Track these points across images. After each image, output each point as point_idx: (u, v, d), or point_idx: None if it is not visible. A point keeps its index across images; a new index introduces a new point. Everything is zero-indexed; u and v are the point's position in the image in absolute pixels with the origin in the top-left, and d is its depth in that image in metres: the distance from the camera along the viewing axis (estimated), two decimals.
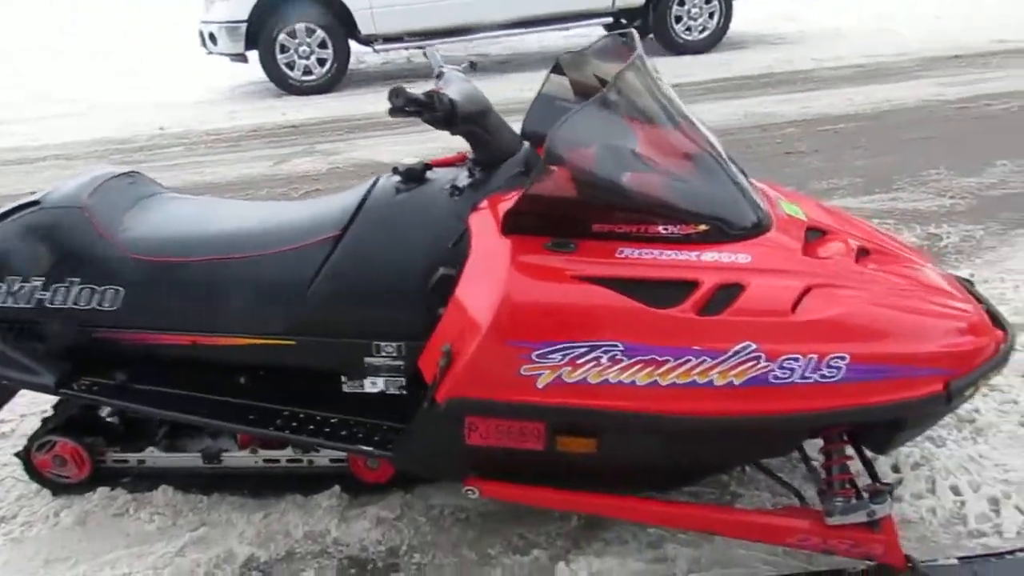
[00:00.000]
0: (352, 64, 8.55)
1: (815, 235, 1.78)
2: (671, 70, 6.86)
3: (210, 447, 2.05)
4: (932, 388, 1.55)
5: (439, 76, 1.92)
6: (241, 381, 1.92)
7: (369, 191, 1.84)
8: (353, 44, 7.60)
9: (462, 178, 1.78)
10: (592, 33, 8.72)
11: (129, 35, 10.68)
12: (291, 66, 7.14)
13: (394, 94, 1.48)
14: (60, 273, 1.81)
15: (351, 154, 5.20)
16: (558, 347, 1.51)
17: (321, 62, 7.20)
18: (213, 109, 6.50)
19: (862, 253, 1.76)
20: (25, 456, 2.04)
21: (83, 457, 2.04)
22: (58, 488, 2.08)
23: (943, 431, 2.15)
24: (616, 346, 1.50)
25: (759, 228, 1.66)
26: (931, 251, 3.20)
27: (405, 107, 1.51)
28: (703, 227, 1.61)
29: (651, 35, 7.64)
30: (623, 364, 1.50)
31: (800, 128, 4.98)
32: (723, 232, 1.61)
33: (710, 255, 1.59)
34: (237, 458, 2.05)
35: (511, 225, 1.57)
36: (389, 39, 7.37)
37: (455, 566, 1.83)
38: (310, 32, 7.07)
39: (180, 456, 2.06)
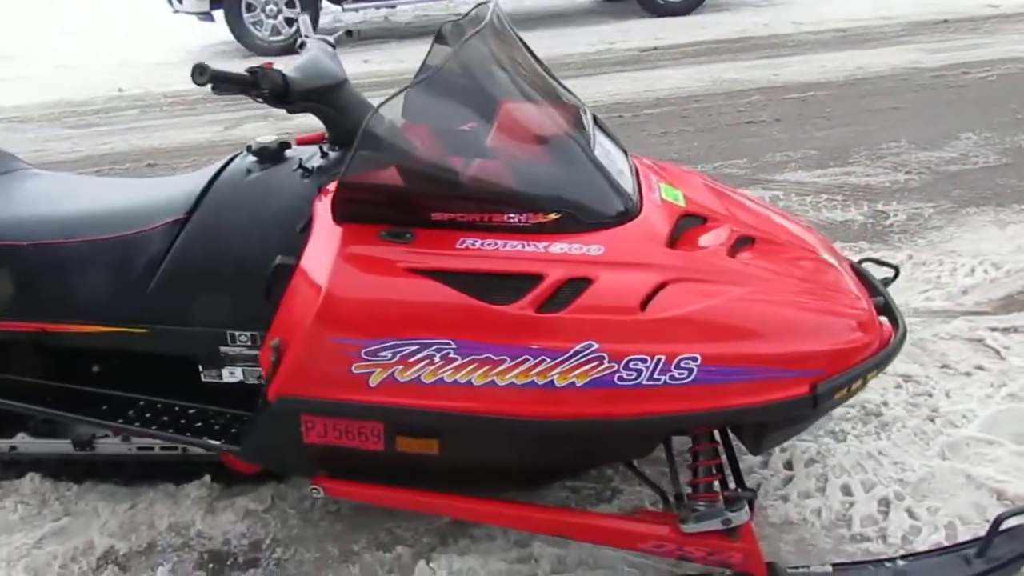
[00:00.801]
0: (328, 24, 8.38)
1: (693, 222, 1.67)
2: (647, 33, 6.68)
3: (82, 434, 1.97)
4: (796, 391, 1.46)
5: (301, 47, 1.80)
6: (95, 369, 1.84)
7: (220, 170, 1.73)
8: (327, 3, 7.42)
9: (315, 158, 1.68)
10: None
11: None
12: (258, 25, 6.98)
13: (197, 71, 1.37)
14: None
15: (305, 119, 5.07)
16: (387, 344, 1.42)
17: (289, 22, 7.02)
18: (175, 71, 6.33)
19: (745, 242, 1.65)
20: None
21: None
22: None
23: (847, 424, 2.06)
24: (448, 344, 1.41)
25: (621, 217, 1.55)
26: (875, 230, 3.08)
27: (215, 84, 1.39)
28: (554, 216, 1.49)
29: None
30: (457, 363, 1.41)
31: (766, 96, 4.81)
32: (577, 221, 1.50)
33: (559, 247, 1.48)
34: (110, 446, 1.98)
35: (343, 213, 1.47)
36: None
37: (315, 562, 1.77)
38: None
39: (51, 443, 1.99)
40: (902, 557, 1.64)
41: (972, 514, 1.74)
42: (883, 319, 1.71)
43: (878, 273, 2.36)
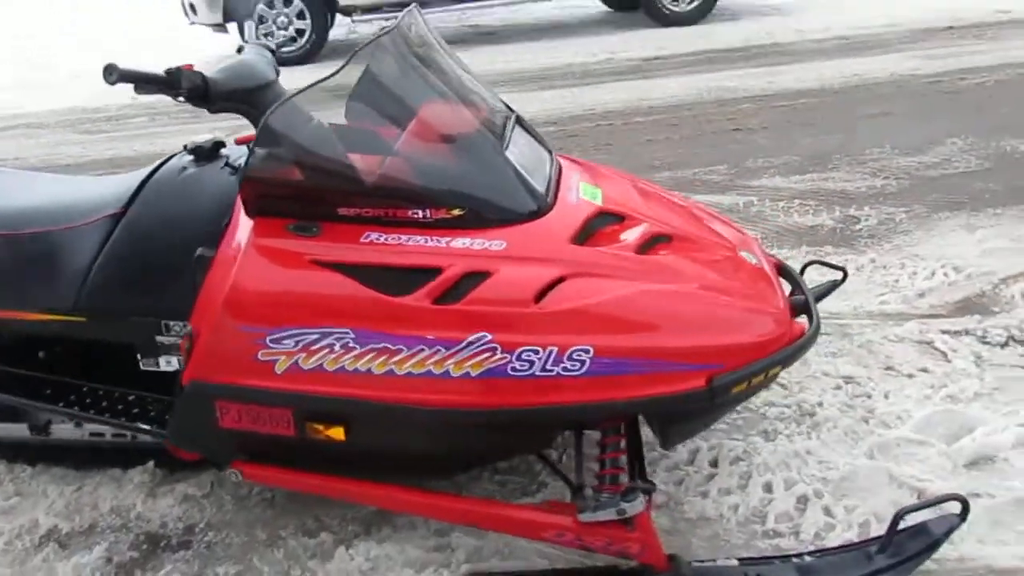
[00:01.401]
0: (342, 35, 8.54)
1: (609, 220, 1.70)
2: (651, 43, 6.71)
3: (38, 419, 2.06)
4: (692, 383, 1.49)
5: (239, 50, 1.87)
6: (40, 355, 1.93)
7: (157, 168, 1.81)
8: (340, 15, 7.57)
9: (243, 156, 1.75)
10: (586, 4, 8.58)
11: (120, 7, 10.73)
12: (269, 37, 7.12)
13: (106, 71, 1.44)
14: None
15: None
16: (290, 333, 1.47)
17: (300, 33, 7.17)
18: None
19: (659, 240, 1.68)
20: None
21: None
22: None
23: (779, 424, 2.07)
24: (348, 333, 1.46)
25: (529, 214, 1.59)
26: (843, 234, 3.08)
27: (135, 84, 1.47)
28: (457, 212, 1.54)
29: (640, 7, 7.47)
30: (356, 352, 1.46)
31: (758, 104, 4.81)
32: (481, 217, 1.55)
33: (461, 242, 1.53)
34: (64, 431, 2.06)
35: (253, 207, 1.53)
36: (368, 9, 7.30)
37: (243, 545, 1.83)
38: (287, 2, 7.04)
39: (9, 427, 2.08)
40: (809, 553, 1.65)
41: (888, 512, 1.73)
42: (802, 318, 1.74)
43: (827, 276, 2.39)
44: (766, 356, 1.56)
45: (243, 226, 1.56)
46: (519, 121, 1.86)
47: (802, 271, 2.37)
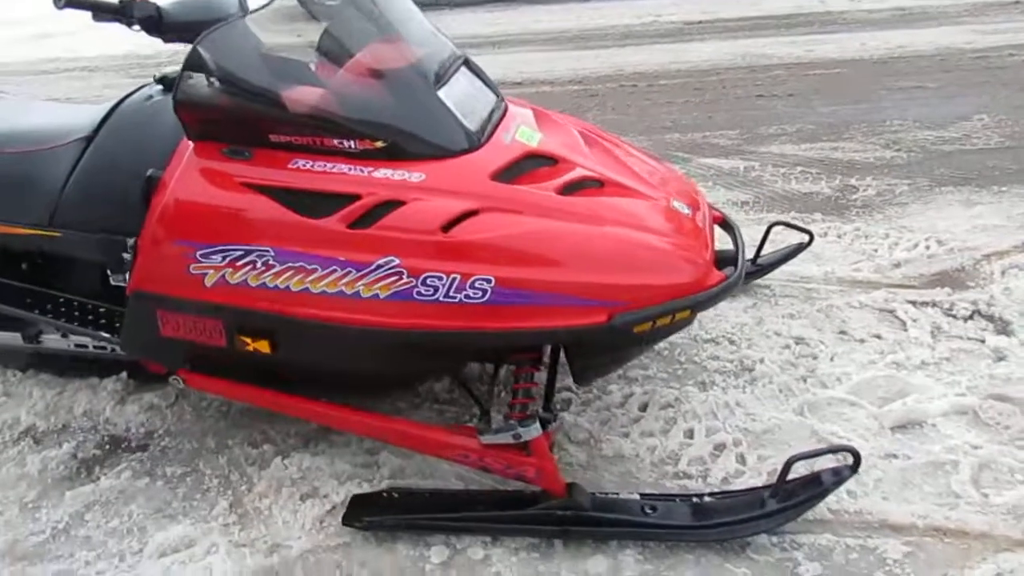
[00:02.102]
0: None
1: (541, 163, 1.76)
2: (700, 7, 6.59)
3: (30, 329, 2.24)
4: (593, 319, 1.55)
5: None
6: (24, 267, 2.10)
7: (127, 97, 1.94)
8: None
9: None
10: None
11: None
12: None
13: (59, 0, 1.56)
14: None
15: None
16: (218, 249, 1.59)
17: None
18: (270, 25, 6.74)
19: (589, 184, 1.73)
20: None
21: None
22: None
23: (717, 376, 2.11)
24: (268, 251, 1.57)
25: (454, 150, 1.66)
26: (836, 203, 3.04)
27: (92, 11, 1.57)
28: (381, 144, 1.62)
29: None
30: (276, 269, 1.57)
31: (790, 72, 4.71)
32: (404, 150, 1.62)
33: (383, 172, 1.61)
34: (52, 340, 2.24)
35: (192, 131, 1.65)
36: None
37: (192, 451, 1.97)
38: None
39: (3, 335, 2.27)
40: (708, 494, 1.70)
41: (800, 465, 1.78)
42: (728, 269, 1.77)
43: (793, 238, 2.40)
44: (672, 299, 1.60)
45: (184, 149, 1.68)
46: (468, 65, 1.92)
47: (767, 232, 2.41)
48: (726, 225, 2.00)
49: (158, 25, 1.68)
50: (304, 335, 1.62)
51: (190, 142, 1.67)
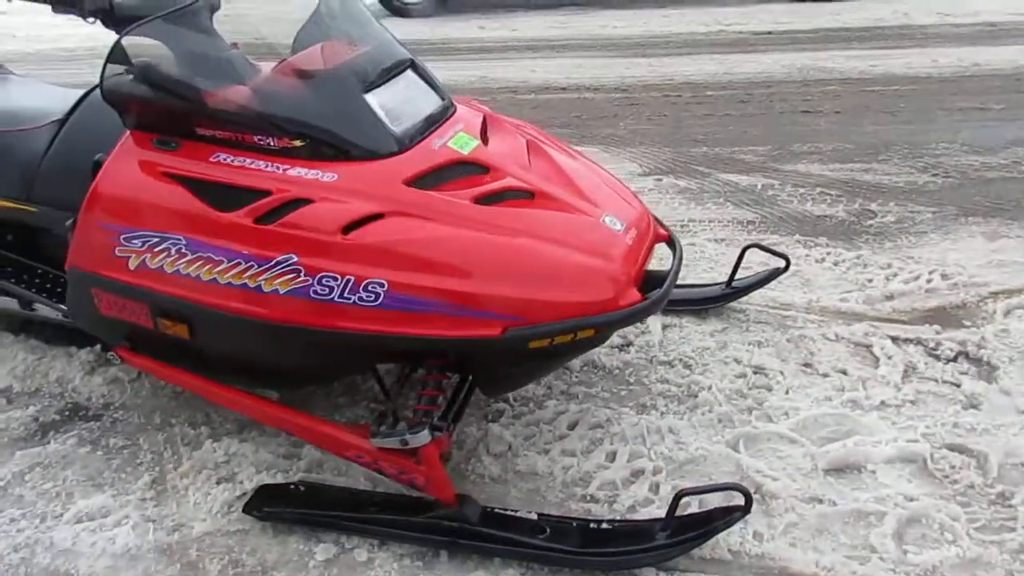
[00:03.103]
0: None
1: (470, 170, 1.75)
2: (774, 17, 6.37)
3: (26, 296, 2.40)
4: (486, 331, 1.54)
5: None
6: (8, 238, 2.24)
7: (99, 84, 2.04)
8: None
9: None
10: None
11: None
12: None
13: None
14: None
15: None
16: (138, 234, 1.66)
17: None
18: None
19: (516, 195, 1.71)
20: None
21: None
22: None
23: (660, 400, 2.05)
24: (180, 240, 1.62)
25: (371, 152, 1.67)
26: (847, 228, 2.89)
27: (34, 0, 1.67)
28: (299, 143, 1.65)
29: None
30: (188, 258, 1.62)
31: (845, 87, 4.50)
32: (320, 150, 1.65)
33: (297, 170, 1.63)
34: (45, 309, 2.39)
35: (127, 120, 1.72)
36: None
37: (138, 426, 2.06)
38: None
39: (2, 299, 2.43)
40: (606, 521, 1.65)
41: (713, 499, 1.70)
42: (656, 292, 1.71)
43: (769, 262, 2.30)
44: (573, 316, 1.57)
45: (123, 136, 1.76)
46: (415, 68, 1.92)
47: (741, 254, 2.32)
48: (671, 243, 1.93)
49: (112, 17, 1.76)
50: (214, 323, 1.67)
51: (125, 130, 1.75)
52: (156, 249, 1.65)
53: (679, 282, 2.47)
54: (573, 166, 1.94)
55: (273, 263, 1.56)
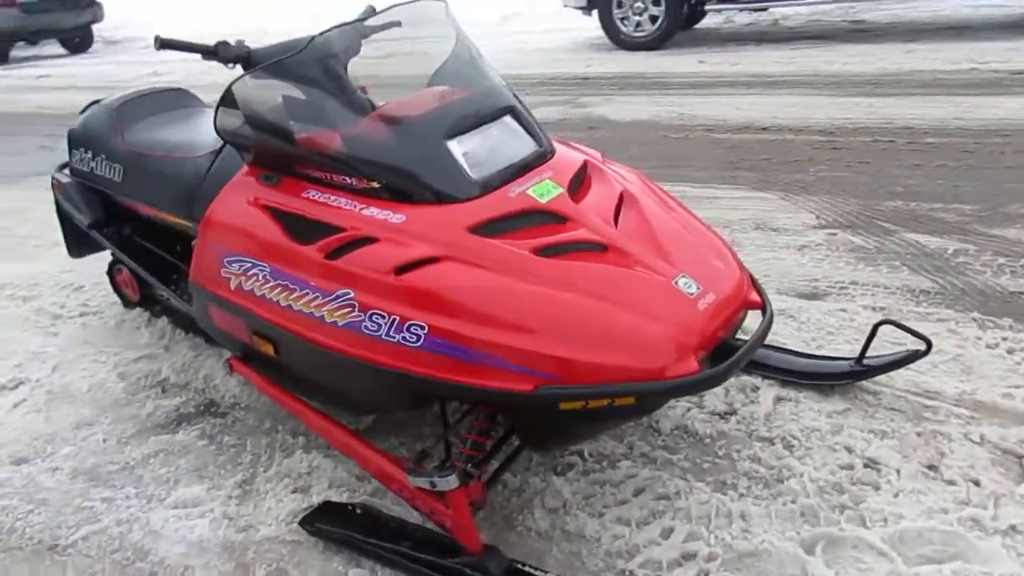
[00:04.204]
0: (720, 23, 8.57)
1: (546, 219, 1.73)
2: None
3: (180, 301, 2.73)
4: (517, 385, 1.52)
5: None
6: (178, 249, 2.57)
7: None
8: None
9: None
10: (1009, 3, 7.33)
11: None
12: (625, 21, 7.47)
13: (155, 41, 1.89)
14: (97, 150, 2.63)
15: (598, 109, 5.48)
16: (236, 258, 1.84)
17: (654, 19, 7.38)
18: (567, 56, 7.31)
19: (587, 247, 1.67)
20: (109, 273, 2.98)
21: (135, 285, 2.91)
22: (126, 303, 3.00)
23: (743, 480, 1.87)
24: (265, 268, 1.78)
25: (443, 197, 1.71)
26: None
27: (171, 49, 1.89)
28: (376, 184, 1.74)
29: None
30: (270, 284, 1.77)
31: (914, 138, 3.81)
32: (395, 192, 1.72)
33: (372, 210, 1.72)
34: None
35: (244, 156, 1.92)
36: None
37: (251, 427, 2.26)
38: None
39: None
40: None
41: None
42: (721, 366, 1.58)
43: (905, 342, 2.05)
44: (615, 383, 1.49)
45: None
46: (514, 114, 1.93)
47: (873, 331, 2.08)
48: (764, 311, 1.76)
49: (249, 63, 1.97)
50: (291, 345, 1.80)
51: (244, 165, 1.95)
52: (248, 273, 1.81)
53: (806, 351, 2.28)
54: (665, 221, 1.84)
55: (334, 296, 1.66)
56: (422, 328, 1.56)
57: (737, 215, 3.40)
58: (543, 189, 1.80)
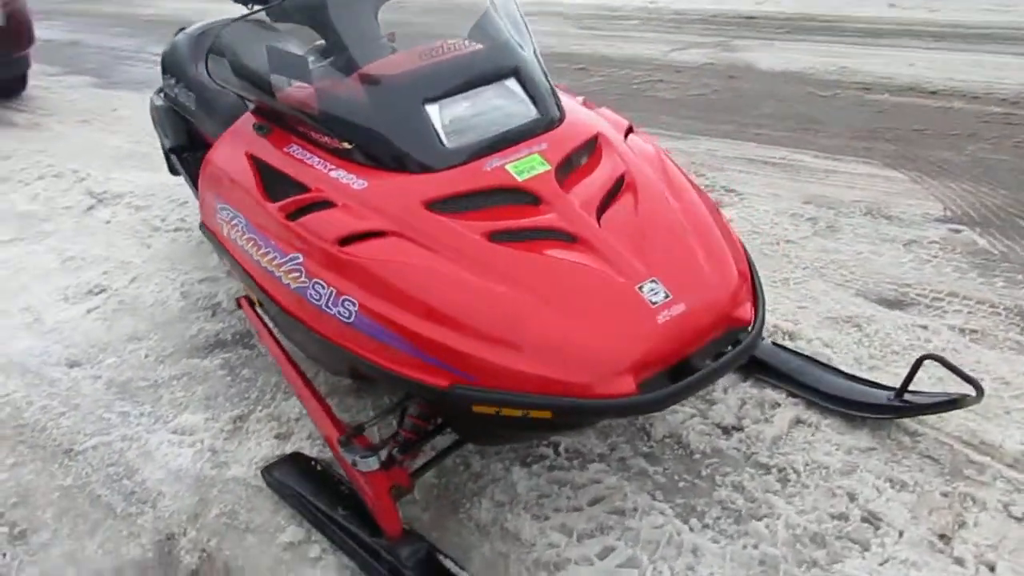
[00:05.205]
0: None
1: (519, 199, 1.59)
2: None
3: None
4: (433, 379, 1.43)
5: None
6: None
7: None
8: None
9: None
10: None
11: None
12: None
13: None
14: (179, 77, 2.74)
15: (750, 55, 5.00)
16: (223, 206, 1.86)
17: None
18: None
19: (552, 236, 1.53)
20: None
21: None
22: None
23: (714, 510, 1.67)
24: (240, 218, 1.78)
25: (419, 164, 1.61)
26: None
27: None
28: (347, 145, 1.67)
29: None
30: (246, 236, 1.77)
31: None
32: (363, 155, 1.65)
33: (338, 172, 1.66)
34: None
35: (251, 104, 1.90)
36: None
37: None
38: None
39: None
40: None
41: None
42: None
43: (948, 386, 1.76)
44: (532, 393, 1.37)
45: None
46: (520, 78, 1.77)
47: (916, 366, 1.77)
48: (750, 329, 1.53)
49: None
50: (262, 300, 1.81)
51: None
52: (232, 223, 1.82)
53: (847, 371, 1.98)
54: (660, 213, 1.64)
55: (288, 258, 1.63)
56: (353, 304, 1.50)
57: (850, 195, 2.99)
58: (526, 165, 1.65)
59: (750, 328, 1.53)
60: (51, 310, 2.72)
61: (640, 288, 1.45)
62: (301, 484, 1.81)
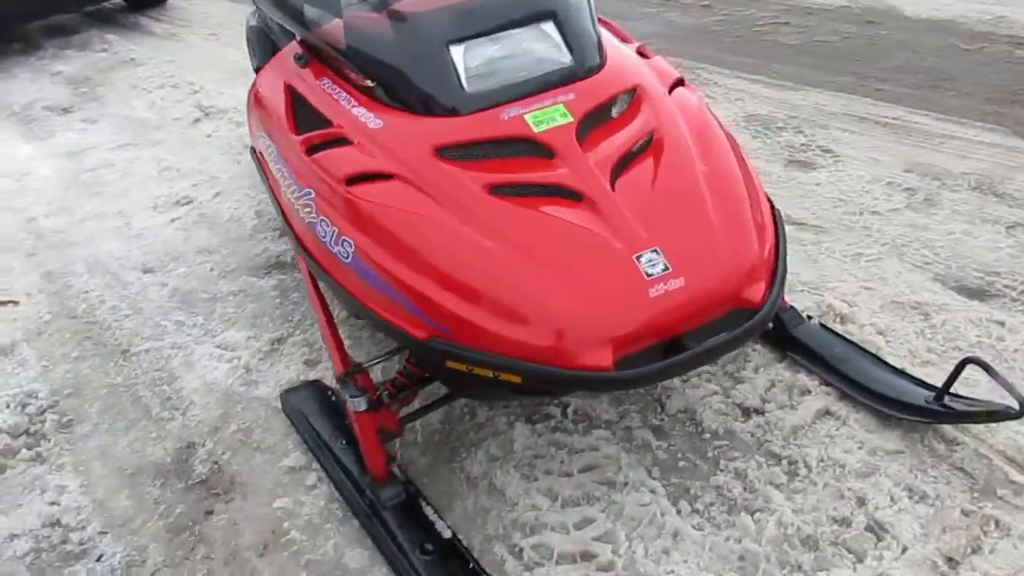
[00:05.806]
0: None
1: (533, 151, 1.53)
2: None
3: None
4: (414, 330, 1.43)
5: None
6: None
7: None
8: None
9: None
10: None
11: None
12: None
13: None
14: None
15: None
16: (260, 134, 1.90)
17: None
18: None
19: (559, 193, 1.47)
20: None
21: None
22: None
23: (708, 496, 1.59)
24: (272, 147, 1.80)
25: (438, 107, 1.58)
26: None
27: None
28: (370, 83, 1.65)
29: None
30: (276, 165, 1.80)
31: None
32: (386, 95, 1.63)
33: (360, 110, 1.65)
34: None
35: (295, 36, 1.91)
36: None
37: None
38: None
39: None
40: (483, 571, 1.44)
41: None
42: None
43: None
44: (507, 355, 1.34)
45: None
46: (557, 21, 1.66)
47: (959, 368, 1.60)
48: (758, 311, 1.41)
49: None
50: (284, 227, 1.84)
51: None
52: (268, 151, 1.86)
53: (893, 364, 1.81)
54: (682, 179, 1.53)
55: (302, 193, 1.65)
56: (351, 246, 1.51)
57: (962, 165, 2.68)
58: (547, 115, 1.57)
59: (759, 310, 1.42)
60: (140, 216, 2.91)
61: (638, 257, 1.38)
62: (312, 411, 1.87)
